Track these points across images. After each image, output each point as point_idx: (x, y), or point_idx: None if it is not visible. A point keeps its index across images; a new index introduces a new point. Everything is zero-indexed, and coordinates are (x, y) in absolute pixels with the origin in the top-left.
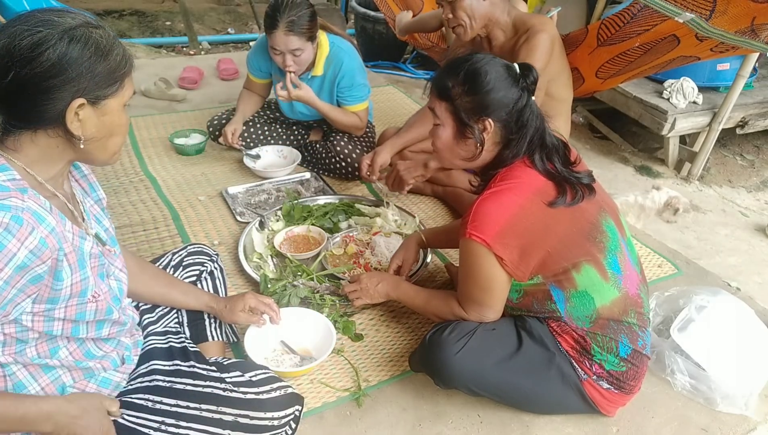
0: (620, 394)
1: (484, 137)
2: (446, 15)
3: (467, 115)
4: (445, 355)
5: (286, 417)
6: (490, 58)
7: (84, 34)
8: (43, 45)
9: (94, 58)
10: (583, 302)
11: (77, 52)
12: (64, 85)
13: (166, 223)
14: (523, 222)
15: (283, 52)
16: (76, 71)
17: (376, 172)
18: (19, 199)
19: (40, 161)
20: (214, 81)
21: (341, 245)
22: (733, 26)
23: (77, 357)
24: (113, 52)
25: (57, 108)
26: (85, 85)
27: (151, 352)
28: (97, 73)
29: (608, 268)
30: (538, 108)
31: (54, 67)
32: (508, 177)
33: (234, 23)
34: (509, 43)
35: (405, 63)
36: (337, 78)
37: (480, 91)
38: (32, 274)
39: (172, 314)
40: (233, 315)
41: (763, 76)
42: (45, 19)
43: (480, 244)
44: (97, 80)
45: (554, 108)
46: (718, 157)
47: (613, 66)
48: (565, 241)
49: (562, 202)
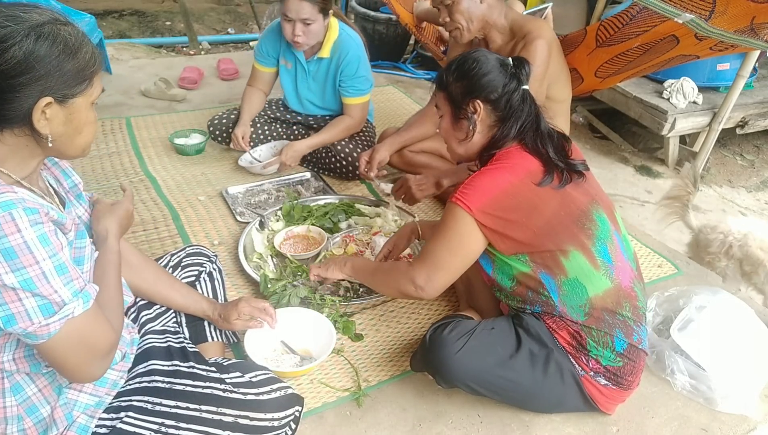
0: (618, 390)
1: (476, 119)
2: (443, 18)
3: (459, 98)
4: (445, 354)
5: (286, 418)
6: (483, 50)
7: (52, 31)
8: (8, 41)
9: (63, 56)
10: (575, 291)
11: (45, 49)
12: (30, 84)
13: (166, 223)
14: (510, 199)
15: (294, 19)
16: (44, 69)
17: (373, 169)
18: (9, 191)
19: (11, 160)
20: (214, 81)
21: (341, 245)
22: (733, 26)
23: None
24: (82, 50)
25: (23, 107)
26: (52, 84)
27: (149, 351)
28: (66, 72)
29: (597, 255)
30: (532, 98)
31: (20, 64)
32: (504, 158)
33: (234, 23)
34: (506, 47)
35: (405, 63)
36: (342, 65)
37: (468, 75)
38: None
39: (170, 313)
40: (228, 323)
41: (763, 76)
42: (10, 15)
43: (462, 209)
44: (65, 78)
45: (552, 108)
46: (718, 157)
47: (611, 66)
48: (552, 223)
49: (548, 182)
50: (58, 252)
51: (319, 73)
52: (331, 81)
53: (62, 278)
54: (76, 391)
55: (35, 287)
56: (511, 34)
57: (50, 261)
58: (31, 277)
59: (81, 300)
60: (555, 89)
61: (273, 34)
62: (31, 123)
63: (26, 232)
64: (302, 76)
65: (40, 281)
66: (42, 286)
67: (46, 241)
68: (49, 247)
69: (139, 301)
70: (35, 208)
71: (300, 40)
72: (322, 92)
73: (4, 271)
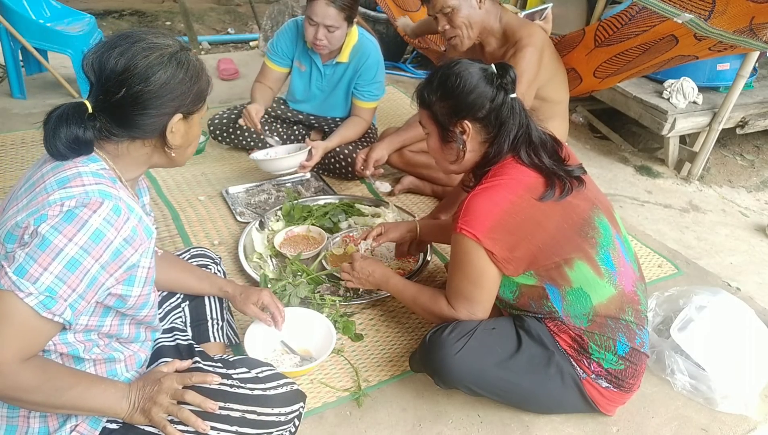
0: (619, 393)
1: (465, 139)
2: (443, 26)
3: (445, 119)
4: (445, 355)
5: (292, 413)
6: (464, 62)
7: (185, 58)
8: (154, 67)
9: (193, 80)
10: (579, 300)
11: (182, 74)
12: (170, 102)
13: (166, 223)
14: (513, 218)
15: (318, 24)
16: (180, 90)
17: (370, 167)
18: (113, 187)
19: (128, 165)
20: (214, 81)
21: (341, 245)
22: (732, 26)
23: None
24: (203, 73)
25: (162, 122)
26: (184, 103)
27: (159, 350)
28: (193, 92)
29: (601, 263)
30: (521, 105)
31: (164, 87)
32: (499, 174)
33: (234, 23)
34: (499, 51)
35: (405, 63)
36: (361, 69)
37: (452, 95)
38: (127, 262)
39: (178, 312)
40: (245, 305)
41: (763, 76)
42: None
43: (470, 239)
44: (192, 98)
45: (549, 109)
46: (718, 157)
47: (611, 66)
48: (555, 237)
49: (551, 196)
50: (89, 258)
51: (335, 76)
52: (346, 84)
53: (62, 273)
54: None
55: (40, 252)
56: (504, 38)
57: (75, 253)
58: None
59: (43, 297)
60: (550, 90)
61: (290, 34)
62: (164, 135)
63: (96, 218)
64: (317, 78)
65: (48, 255)
66: (44, 257)
67: (96, 238)
68: (92, 242)
69: None
70: (121, 208)
71: (321, 44)
72: (332, 94)
73: (45, 223)
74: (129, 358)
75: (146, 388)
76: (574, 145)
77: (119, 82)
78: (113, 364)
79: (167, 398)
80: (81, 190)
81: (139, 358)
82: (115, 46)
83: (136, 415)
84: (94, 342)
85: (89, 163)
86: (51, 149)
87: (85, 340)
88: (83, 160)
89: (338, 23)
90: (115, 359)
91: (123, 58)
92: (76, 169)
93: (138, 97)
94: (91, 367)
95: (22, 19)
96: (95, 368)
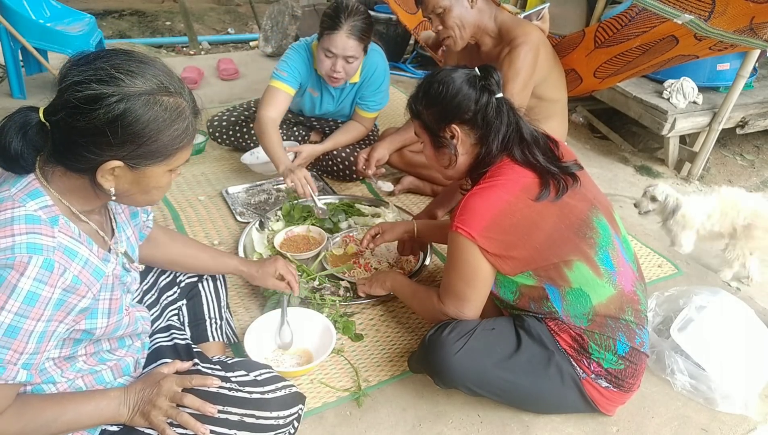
0: (619, 393)
1: (455, 143)
2: (436, 27)
3: (434, 126)
4: (444, 355)
5: (291, 416)
6: (446, 69)
7: (146, 103)
8: (97, 102)
9: (146, 132)
10: (579, 300)
11: (128, 120)
12: (105, 147)
13: (166, 223)
14: (509, 218)
15: (337, 55)
16: (123, 139)
17: (372, 166)
18: (48, 235)
19: (73, 194)
20: (214, 81)
21: (341, 245)
22: (732, 26)
23: (92, 364)
24: (171, 128)
25: (91, 162)
26: (127, 153)
27: (157, 350)
28: (144, 147)
29: (600, 264)
30: (509, 105)
31: (99, 128)
32: (496, 175)
33: (234, 23)
34: (495, 51)
35: (405, 63)
36: (368, 80)
37: (437, 102)
38: (76, 308)
39: (174, 308)
40: (266, 279)
41: (763, 76)
42: (113, 75)
43: (465, 237)
44: (140, 151)
45: (547, 108)
46: (718, 157)
47: (611, 66)
48: (553, 237)
49: (546, 196)
50: (29, 320)
51: (345, 93)
52: (353, 96)
53: (3, 341)
54: None
55: None
56: (499, 37)
57: (11, 321)
58: None
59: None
60: (547, 89)
61: (303, 62)
62: (95, 176)
63: (24, 280)
64: (328, 100)
65: None
66: None
67: (31, 301)
68: (27, 306)
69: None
70: (54, 262)
71: (339, 77)
72: (339, 104)
73: None
74: (115, 365)
75: (145, 391)
76: (574, 145)
77: (61, 105)
78: (99, 373)
79: (166, 401)
80: (9, 243)
81: (126, 363)
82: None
83: (136, 417)
84: (73, 362)
85: (29, 200)
86: None
87: (63, 363)
88: (22, 198)
89: (357, 53)
90: (100, 370)
91: (76, 78)
92: (11, 214)
93: (73, 127)
94: (79, 380)
95: (22, 19)
96: (83, 380)
